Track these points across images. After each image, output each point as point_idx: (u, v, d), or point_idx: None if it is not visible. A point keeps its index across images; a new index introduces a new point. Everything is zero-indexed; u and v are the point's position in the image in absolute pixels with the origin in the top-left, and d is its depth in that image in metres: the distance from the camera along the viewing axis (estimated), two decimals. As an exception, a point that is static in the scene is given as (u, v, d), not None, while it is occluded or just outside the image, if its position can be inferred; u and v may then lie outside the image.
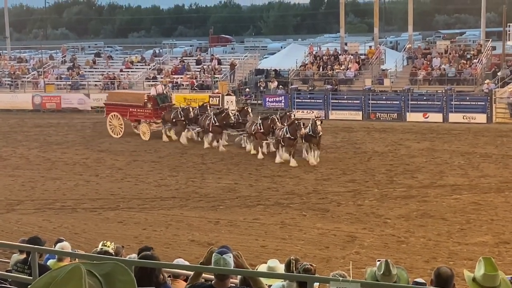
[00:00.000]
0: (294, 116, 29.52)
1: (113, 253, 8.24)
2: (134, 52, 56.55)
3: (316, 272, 7.19)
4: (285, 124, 27.89)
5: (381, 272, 5.76)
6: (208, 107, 33.08)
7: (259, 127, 28.92)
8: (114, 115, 35.16)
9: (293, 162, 27.04)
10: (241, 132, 30.77)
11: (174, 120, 33.09)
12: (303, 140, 27.60)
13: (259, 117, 30.14)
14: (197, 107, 33.66)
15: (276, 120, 28.48)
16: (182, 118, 32.79)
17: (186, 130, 33.01)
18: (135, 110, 34.62)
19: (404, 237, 18.47)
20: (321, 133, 27.09)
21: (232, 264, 6.51)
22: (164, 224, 20.42)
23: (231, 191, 23.98)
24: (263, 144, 29.25)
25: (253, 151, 29.48)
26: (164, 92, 35.38)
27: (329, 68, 42.00)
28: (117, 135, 34.90)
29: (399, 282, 6.01)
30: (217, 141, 30.96)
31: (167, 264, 7.42)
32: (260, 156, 28.66)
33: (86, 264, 2.41)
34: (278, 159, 27.68)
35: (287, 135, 27.12)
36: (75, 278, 2.31)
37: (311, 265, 6.90)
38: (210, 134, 31.17)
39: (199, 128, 32.35)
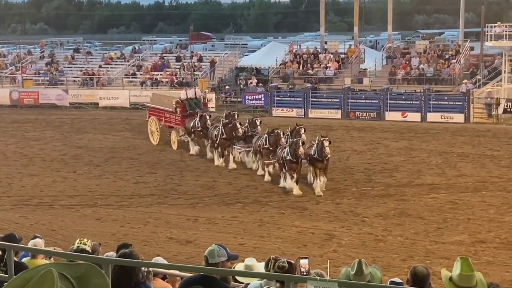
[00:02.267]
0: (304, 131, 24.60)
1: (90, 251, 8.19)
2: (113, 48, 56.27)
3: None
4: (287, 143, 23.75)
5: (354, 272, 5.79)
6: (236, 116, 27.89)
7: (264, 143, 24.88)
8: (153, 119, 32.07)
9: (296, 191, 22.74)
10: (247, 148, 26.89)
11: (192, 130, 29.16)
12: (308, 163, 23.59)
13: (266, 131, 25.59)
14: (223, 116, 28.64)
15: (281, 135, 24.22)
16: (199, 128, 28.75)
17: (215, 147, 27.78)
18: (169, 115, 30.98)
19: (381, 235, 18.59)
20: (329, 155, 22.88)
21: (220, 254, 6.75)
22: (142, 222, 20.36)
23: (210, 189, 23.96)
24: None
25: (260, 172, 25.46)
26: (197, 96, 30.67)
27: (309, 66, 42.08)
28: (155, 141, 31.70)
29: (373, 281, 6.04)
30: (222, 156, 27.20)
31: (147, 263, 7.39)
32: (267, 178, 24.67)
33: (59, 265, 2.38)
34: (282, 183, 23.62)
35: (288, 157, 23.02)
36: (47, 283, 2.28)
37: (289, 261, 6.90)
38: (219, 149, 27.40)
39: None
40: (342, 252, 17.40)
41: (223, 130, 26.89)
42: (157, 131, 31.56)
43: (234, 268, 8.25)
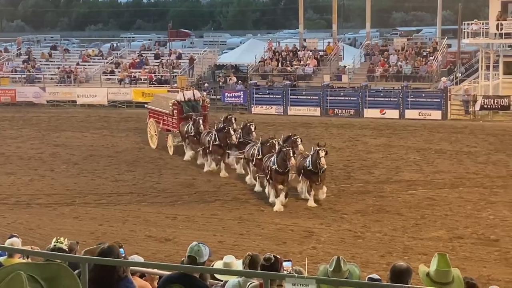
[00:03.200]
0: (301, 141, 22.76)
1: (67, 250, 8.13)
2: (91, 46, 55.82)
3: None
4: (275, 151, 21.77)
5: (332, 269, 5.82)
6: (233, 120, 25.98)
7: (257, 153, 22.88)
8: (152, 122, 30.52)
9: (277, 206, 20.73)
10: (239, 155, 25.23)
11: (186, 135, 27.51)
12: (302, 176, 21.67)
13: (259, 140, 23.65)
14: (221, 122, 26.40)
15: (276, 145, 22.05)
16: (193, 133, 27.09)
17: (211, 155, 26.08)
18: (166, 118, 29.33)
19: (360, 232, 18.68)
20: (325, 167, 21.15)
21: (206, 253, 6.77)
22: (121, 220, 20.28)
23: (189, 187, 23.91)
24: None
25: (258, 188, 22.87)
26: (196, 98, 28.85)
27: (288, 64, 42.14)
28: (153, 145, 30.17)
29: (351, 278, 6.07)
30: (216, 164, 25.68)
31: (124, 261, 7.34)
32: (258, 188, 22.80)
33: (30, 265, 2.36)
34: (271, 199, 21.46)
35: (274, 166, 21.00)
36: (16, 286, 2.25)
37: (275, 256, 6.91)
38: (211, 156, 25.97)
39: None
40: (321, 249, 17.46)
41: (216, 136, 25.37)
42: (156, 135, 30.02)
43: (213, 265, 8.24)
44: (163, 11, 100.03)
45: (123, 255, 7.69)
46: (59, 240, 8.10)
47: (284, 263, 7.32)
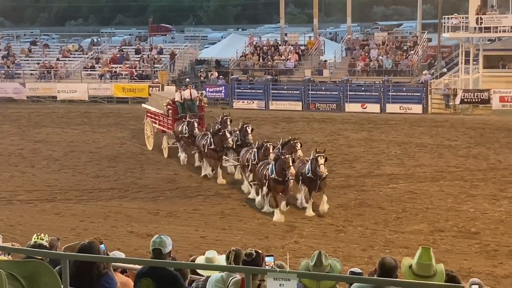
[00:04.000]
0: (301, 146, 21.47)
1: (47, 246, 8.08)
2: (71, 41, 55.50)
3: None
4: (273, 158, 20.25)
5: (313, 264, 5.84)
6: (229, 122, 24.66)
7: (253, 158, 21.43)
8: (148, 122, 29.25)
9: (277, 217, 19.35)
10: (236, 162, 23.80)
11: (180, 136, 26.15)
12: (301, 183, 20.38)
13: (256, 144, 22.18)
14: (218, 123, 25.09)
15: (270, 150, 20.86)
16: (187, 135, 25.71)
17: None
18: (162, 118, 28.08)
19: (342, 226, 18.76)
20: (325, 174, 19.77)
21: (169, 243, 6.80)
22: (102, 216, 20.19)
23: (171, 182, 23.86)
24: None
25: (253, 195, 21.34)
26: (193, 98, 27.43)
27: (269, 58, 42.13)
28: (150, 146, 28.77)
29: (332, 272, 6.10)
30: (212, 170, 24.18)
31: (105, 257, 7.31)
32: (252, 195, 21.27)
33: (10, 263, 2.34)
34: (266, 208, 20.20)
35: (272, 175, 19.55)
36: None
37: (257, 251, 6.92)
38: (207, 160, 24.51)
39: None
40: (304, 243, 17.51)
41: (211, 139, 23.86)
42: (152, 135, 28.67)
43: (195, 261, 8.24)
44: (144, 6, 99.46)
45: (104, 250, 7.66)
46: (39, 237, 8.04)
47: (267, 258, 7.33)
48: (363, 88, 37.50)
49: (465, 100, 34.75)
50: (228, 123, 24.50)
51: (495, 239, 17.42)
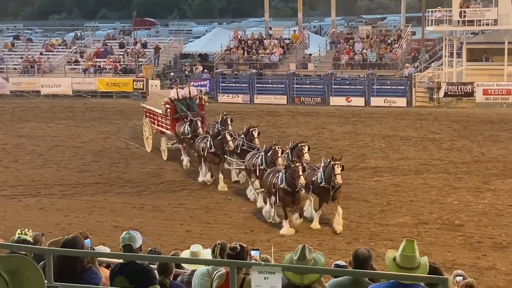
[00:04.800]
0: (308, 149, 19.74)
1: (31, 241, 8.05)
2: (54, 35, 55.14)
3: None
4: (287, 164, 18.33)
5: (297, 257, 5.87)
6: (229, 122, 23.56)
7: (260, 162, 19.94)
8: (147, 122, 27.67)
9: (286, 230, 17.82)
10: (241, 166, 21.93)
11: (182, 137, 24.50)
12: (311, 192, 18.78)
13: (264, 147, 20.73)
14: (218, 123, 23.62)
15: (279, 154, 19.30)
16: (190, 135, 24.02)
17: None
18: (160, 118, 26.51)
19: (327, 219, 18.79)
20: (340, 183, 17.92)
21: (139, 238, 6.78)
22: (87, 211, 20.14)
23: (156, 176, 23.82)
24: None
25: (260, 204, 19.79)
26: (192, 96, 25.81)
27: (254, 52, 42.11)
28: (148, 147, 27.31)
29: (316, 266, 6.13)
30: (212, 176, 22.49)
31: (90, 252, 7.30)
32: (260, 204, 19.76)
33: (-9, 258, 2.33)
34: (273, 219, 18.69)
35: (282, 185, 17.91)
36: None
37: (241, 245, 6.94)
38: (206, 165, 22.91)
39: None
40: (289, 237, 17.55)
41: (211, 142, 22.21)
42: (151, 136, 27.15)
43: (180, 255, 8.25)
44: (128, 0, 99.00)
45: (89, 245, 7.65)
46: (23, 232, 8.02)
47: (252, 252, 7.36)
48: (347, 82, 37.59)
49: (449, 93, 34.94)
50: (229, 122, 23.41)
51: (478, 231, 17.55)
